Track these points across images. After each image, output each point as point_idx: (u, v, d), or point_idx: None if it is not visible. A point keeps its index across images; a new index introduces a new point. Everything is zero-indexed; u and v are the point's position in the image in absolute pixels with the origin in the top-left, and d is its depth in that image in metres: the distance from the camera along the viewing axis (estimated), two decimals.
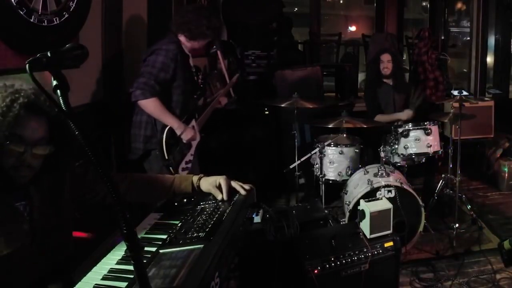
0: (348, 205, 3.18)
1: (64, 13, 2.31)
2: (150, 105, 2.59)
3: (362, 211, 2.39)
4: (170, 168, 2.67)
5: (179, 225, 1.52)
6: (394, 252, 2.37)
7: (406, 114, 3.97)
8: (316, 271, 2.17)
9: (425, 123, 3.57)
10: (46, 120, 1.34)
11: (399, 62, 4.49)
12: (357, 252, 2.28)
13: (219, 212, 1.55)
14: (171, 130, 2.67)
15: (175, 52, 2.64)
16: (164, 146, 2.63)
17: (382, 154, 3.56)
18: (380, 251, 2.33)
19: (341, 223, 3.30)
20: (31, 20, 2.08)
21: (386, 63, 4.04)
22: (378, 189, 3.13)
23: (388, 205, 2.44)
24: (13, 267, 1.26)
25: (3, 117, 1.24)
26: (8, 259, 1.28)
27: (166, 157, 2.64)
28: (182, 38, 2.79)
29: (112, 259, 1.37)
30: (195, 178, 1.75)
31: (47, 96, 0.95)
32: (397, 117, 3.99)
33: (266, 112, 4.75)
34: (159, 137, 2.65)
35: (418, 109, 4.01)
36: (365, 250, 2.29)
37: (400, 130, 3.56)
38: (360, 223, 2.42)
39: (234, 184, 1.72)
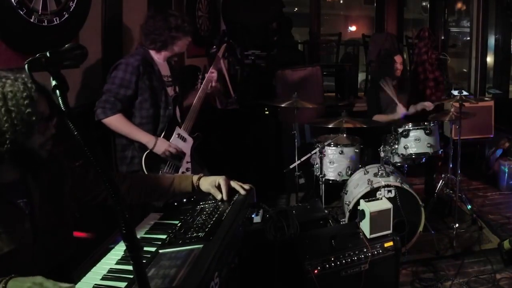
0: (348, 205, 3.18)
1: (64, 13, 2.31)
2: (114, 122, 2.49)
3: (362, 211, 2.39)
4: None
5: (178, 225, 1.52)
6: (394, 252, 2.37)
7: (399, 112, 3.97)
8: (316, 271, 2.17)
9: (425, 123, 3.57)
10: (45, 97, 1.35)
11: (405, 64, 4.53)
12: (357, 252, 2.28)
13: (218, 212, 1.55)
14: (150, 154, 2.56)
15: (135, 64, 2.50)
16: (145, 170, 2.54)
17: (382, 154, 3.56)
18: (380, 251, 2.33)
19: (341, 223, 3.30)
20: (31, 20, 2.08)
21: (399, 64, 4.06)
22: (378, 189, 3.13)
23: (388, 205, 2.44)
24: (13, 266, 1.26)
25: (29, 98, 1.26)
26: (9, 258, 1.28)
27: None
28: (153, 52, 2.67)
29: (112, 259, 1.37)
30: (194, 178, 1.76)
31: (48, 96, 0.95)
32: (393, 118, 4.00)
33: (266, 112, 4.75)
34: (139, 159, 2.56)
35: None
36: (365, 250, 2.29)
37: (400, 130, 3.56)
38: (360, 223, 2.42)
39: (234, 184, 1.72)
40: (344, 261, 2.24)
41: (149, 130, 2.59)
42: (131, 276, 1.23)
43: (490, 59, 6.67)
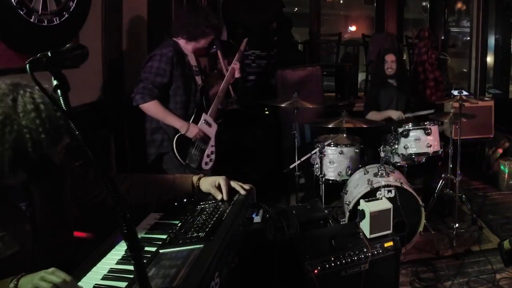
0: (348, 205, 3.18)
1: (64, 13, 2.31)
2: (151, 108, 2.70)
3: (362, 211, 2.39)
4: (192, 166, 2.81)
5: (179, 225, 1.52)
6: (394, 252, 2.37)
7: (397, 114, 3.97)
8: (316, 271, 2.17)
9: (425, 123, 3.58)
10: None
11: (403, 63, 4.51)
12: (357, 252, 2.28)
13: (219, 212, 1.56)
14: (180, 137, 2.76)
15: (170, 55, 2.71)
16: (176, 152, 2.74)
17: (382, 154, 3.56)
18: (380, 251, 2.33)
19: (341, 223, 3.30)
20: (31, 20, 2.08)
21: (390, 63, 4.06)
22: (378, 189, 3.13)
23: (388, 205, 2.44)
24: (14, 267, 1.26)
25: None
26: (10, 259, 1.28)
27: (183, 162, 2.76)
28: (181, 41, 2.87)
29: (112, 259, 1.37)
30: (195, 178, 1.76)
31: (48, 96, 0.95)
32: (387, 115, 4.00)
33: (266, 112, 4.74)
34: (172, 143, 2.75)
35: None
36: (365, 250, 2.29)
37: (400, 130, 3.56)
38: (360, 223, 2.41)
39: (234, 184, 1.72)
40: (344, 261, 2.24)
41: (181, 115, 2.81)
42: (132, 276, 1.23)
43: (490, 59, 6.68)
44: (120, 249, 1.41)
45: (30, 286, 1.13)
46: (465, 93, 4.41)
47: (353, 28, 13.99)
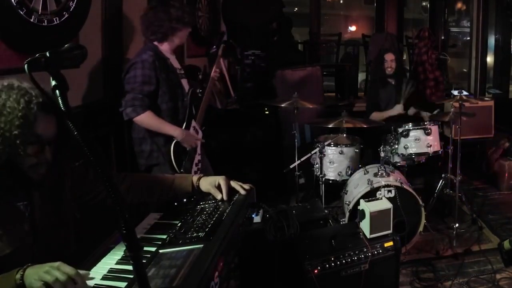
0: (348, 205, 3.18)
1: (64, 13, 2.31)
2: (145, 120, 2.54)
3: (362, 211, 2.39)
4: None
5: (178, 225, 1.52)
6: (394, 252, 2.37)
7: (396, 110, 3.99)
8: (316, 271, 2.17)
9: (425, 123, 3.58)
10: (55, 117, 1.35)
11: (401, 62, 4.53)
12: (357, 252, 2.28)
13: (218, 212, 1.55)
14: (177, 144, 2.64)
15: (151, 60, 2.53)
16: (173, 160, 2.61)
17: (382, 154, 3.55)
18: (380, 251, 2.33)
19: (341, 223, 3.30)
20: (31, 20, 2.08)
21: (389, 62, 4.08)
22: (378, 189, 3.13)
23: (388, 205, 2.44)
24: (14, 267, 1.26)
25: (23, 118, 1.25)
26: (9, 258, 1.28)
27: (178, 171, 2.62)
28: (156, 43, 2.68)
29: (112, 259, 1.37)
30: (194, 178, 1.76)
31: (47, 97, 0.95)
32: (388, 114, 4.01)
33: (266, 112, 4.74)
34: (165, 151, 2.62)
35: (408, 103, 4.03)
36: (365, 250, 2.29)
37: (400, 130, 3.56)
38: (360, 223, 2.41)
39: (234, 184, 1.72)
40: (344, 261, 2.24)
41: (170, 122, 2.64)
42: (131, 276, 1.22)
43: (490, 59, 6.68)
44: (120, 249, 1.41)
45: (36, 278, 1.12)
46: (465, 93, 4.40)
47: (353, 28, 14.00)
